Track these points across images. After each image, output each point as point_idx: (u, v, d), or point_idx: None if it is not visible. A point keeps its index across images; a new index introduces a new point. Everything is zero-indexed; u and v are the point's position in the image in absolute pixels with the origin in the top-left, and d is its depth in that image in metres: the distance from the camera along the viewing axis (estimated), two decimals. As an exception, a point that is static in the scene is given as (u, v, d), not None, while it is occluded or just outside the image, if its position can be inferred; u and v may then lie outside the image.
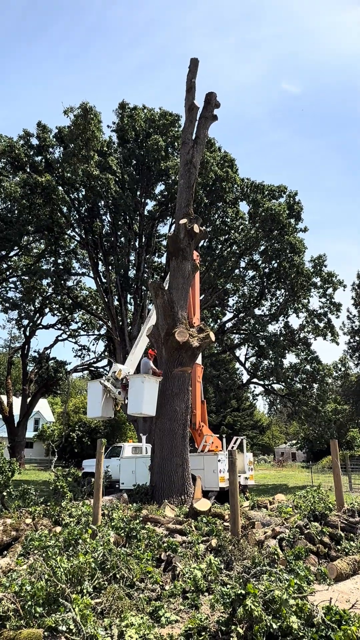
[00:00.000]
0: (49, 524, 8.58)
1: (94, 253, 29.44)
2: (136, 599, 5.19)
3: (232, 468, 7.57)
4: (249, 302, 30.72)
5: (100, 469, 8.26)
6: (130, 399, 12.54)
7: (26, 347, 39.39)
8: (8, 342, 52.99)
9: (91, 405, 13.68)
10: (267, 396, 33.26)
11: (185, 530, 8.28)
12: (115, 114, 28.18)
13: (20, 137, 27.65)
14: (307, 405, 26.72)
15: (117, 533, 7.25)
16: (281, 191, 28.63)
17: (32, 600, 4.43)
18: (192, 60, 14.68)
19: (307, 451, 53.03)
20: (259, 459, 54.18)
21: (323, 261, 28.15)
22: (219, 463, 14.33)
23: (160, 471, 12.12)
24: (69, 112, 23.13)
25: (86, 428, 41.75)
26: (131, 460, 17.38)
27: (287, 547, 7.13)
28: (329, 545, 7.29)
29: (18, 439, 36.97)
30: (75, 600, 4.40)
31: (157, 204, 29.64)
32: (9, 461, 10.16)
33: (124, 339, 27.44)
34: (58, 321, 39.10)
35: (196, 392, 15.96)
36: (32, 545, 6.52)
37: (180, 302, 13.01)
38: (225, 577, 6.10)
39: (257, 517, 9.02)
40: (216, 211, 29.13)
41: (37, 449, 54.97)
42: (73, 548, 6.02)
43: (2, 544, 7.76)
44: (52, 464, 12.18)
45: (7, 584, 5.03)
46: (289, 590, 4.57)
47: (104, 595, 5.07)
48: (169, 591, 5.66)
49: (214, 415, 48.93)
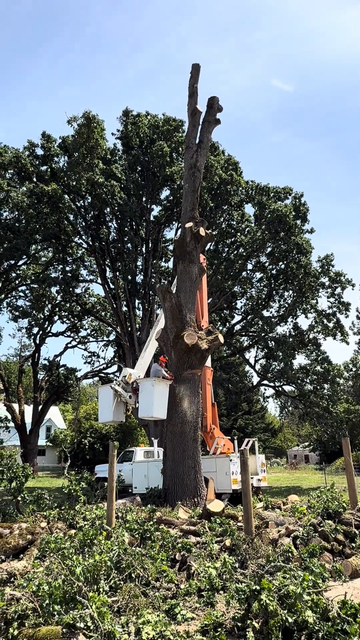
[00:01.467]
0: (64, 527, 8.65)
1: (102, 260, 29.67)
2: (152, 597, 5.24)
3: (244, 468, 7.60)
4: (257, 304, 30.71)
5: (113, 472, 8.32)
6: (141, 403, 12.59)
7: (36, 355, 39.66)
8: (18, 351, 53.48)
9: (102, 410, 13.76)
10: (278, 398, 33.11)
11: (199, 531, 8.30)
12: (119, 121, 28.49)
13: (26, 147, 28.05)
14: (319, 406, 26.59)
15: (131, 534, 7.30)
16: (286, 193, 28.66)
17: (49, 598, 4.50)
18: (193, 65, 14.83)
19: (320, 453, 52.64)
20: (271, 461, 53.85)
21: (330, 261, 28.08)
22: (231, 465, 14.33)
23: (173, 474, 12.14)
24: (73, 121, 23.44)
25: (98, 434, 41.82)
26: (143, 464, 17.44)
27: (301, 545, 7.13)
28: (343, 543, 7.27)
29: (30, 446, 37.18)
30: (92, 598, 4.47)
31: (163, 209, 29.83)
32: (23, 466, 10.27)
33: (133, 344, 27.56)
34: (67, 328, 39.37)
35: (206, 395, 15.98)
36: (48, 547, 6.60)
37: (189, 305, 13.07)
38: (240, 575, 6.13)
39: (271, 517, 9.02)
40: (222, 214, 29.25)
41: (49, 457, 55.19)
42: (88, 549, 6.09)
43: (19, 547, 7.85)
44: (66, 470, 12.26)
45: (25, 584, 5.11)
46: (304, 585, 4.59)
47: (120, 593, 5.13)
48: (184, 590, 5.70)
49: (225, 419, 48.83)
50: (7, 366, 59.01)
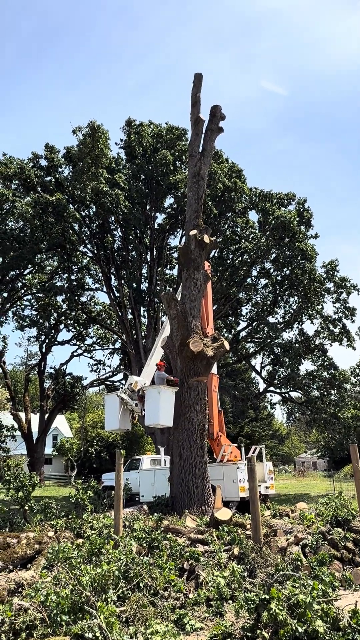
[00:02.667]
0: (71, 536, 8.62)
1: (107, 268, 29.79)
2: (160, 607, 5.20)
3: (251, 475, 7.56)
4: (263, 310, 30.66)
5: (120, 480, 8.30)
6: (147, 411, 12.57)
7: (42, 364, 39.76)
8: (25, 360, 53.62)
9: (109, 418, 13.74)
10: (284, 405, 32.93)
11: (207, 540, 8.25)
12: (122, 131, 28.73)
13: (30, 159, 28.35)
14: (326, 412, 26.41)
15: (139, 543, 7.26)
16: (290, 199, 28.70)
17: (57, 608, 4.48)
18: (196, 75, 14.96)
19: (328, 460, 52.18)
20: (279, 469, 53.43)
21: (335, 266, 28.02)
22: (238, 472, 14.24)
23: (180, 482, 12.08)
24: (78, 131, 23.67)
25: (104, 443, 41.76)
26: (150, 472, 17.36)
27: (310, 553, 7.06)
28: (353, 551, 7.19)
29: (37, 455, 37.13)
30: (100, 608, 4.44)
31: (167, 217, 29.95)
32: (29, 475, 10.26)
33: (139, 351, 27.57)
34: (73, 337, 39.47)
35: (213, 402, 15.93)
36: (55, 557, 6.58)
37: (194, 313, 13.08)
38: (249, 584, 6.08)
39: (279, 525, 8.94)
40: (226, 221, 29.32)
41: (56, 465, 55.08)
42: (96, 558, 6.06)
43: (26, 557, 7.82)
44: (72, 479, 12.25)
45: (33, 594, 5.09)
46: (313, 594, 4.54)
47: (128, 603, 5.10)
48: (192, 599, 5.65)
49: (231, 426, 48.57)
50: (14, 375, 59.23)
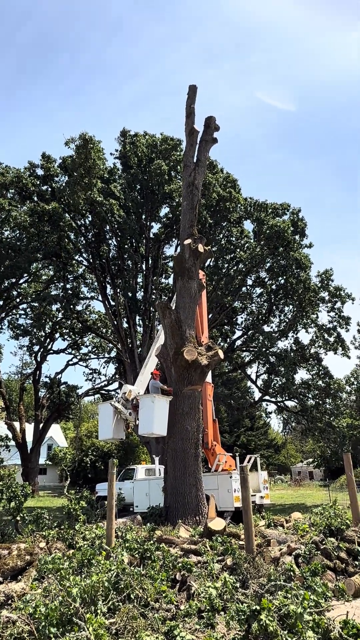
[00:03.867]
0: (63, 547, 8.53)
1: (102, 277, 29.84)
2: (151, 619, 5.14)
3: (243, 485, 7.53)
4: (258, 319, 30.74)
5: (113, 490, 8.24)
6: (141, 420, 12.52)
7: (38, 373, 39.59)
8: (20, 369, 53.37)
9: (102, 427, 13.67)
10: (280, 414, 32.90)
11: (200, 550, 8.18)
12: (118, 141, 28.96)
13: (26, 168, 28.49)
14: (321, 421, 26.39)
15: (131, 554, 7.19)
16: (284, 209, 28.93)
17: (46, 620, 4.43)
18: (190, 87, 15.13)
19: (324, 469, 52.02)
20: (275, 478, 53.14)
21: (330, 275, 28.18)
22: (232, 482, 14.17)
23: (174, 492, 12.01)
24: (70, 142, 23.85)
25: (99, 452, 41.45)
26: (145, 482, 17.26)
27: (303, 563, 7.01)
28: (346, 561, 7.15)
29: (31, 465, 36.83)
30: (89, 620, 4.39)
31: (163, 227, 30.10)
32: (22, 485, 10.17)
33: (134, 360, 27.53)
34: (68, 345, 39.36)
35: (207, 411, 15.90)
36: (45, 568, 6.50)
37: (188, 321, 13.09)
38: (241, 595, 6.02)
39: (273, 535, 8.88)
40: (221, 231, 29.49)
41: (50, 475, 54.59)
42: (87, 569, 6.00)
43: (17, 568, 7.72)
44: (65, 488, 12.14)
45: (22, 606, 5.03)
46: (304, 604, 4.51)
47: (118, 615, 5.04)
48: (184, 611, 5.59)
49: (227, 435, 48.39)
50: (9, 384, 58.85)
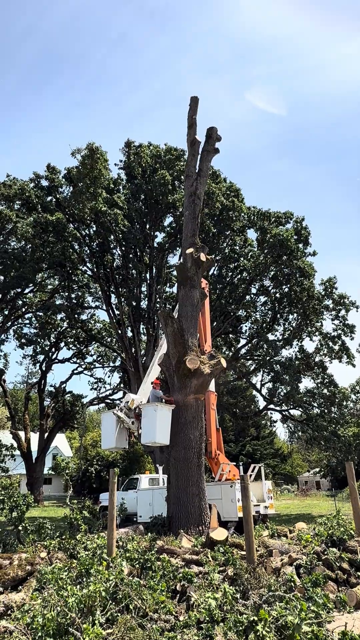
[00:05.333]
0: (64, 557, 8.50)
1: (106, 286, 29.97)
2: (149, 630, 5.11)
3: (244, 494, 7.49)
4: (262, 327, 30.68)
5: (114, 499, 8.23)
6: (144, 428, 12.51)
7: (43, 382, 39.67)
8: (25, 378, 53.50)
9: (105, 437, 13.68)
10: (284, 422, 32.69)
11: (201, 561, 8.12)
12: (122, 152, 29.23)
13: (31, 179, 28.80)
14: (326, 430, 26.18)
15: (131, 564, 7.16)
16: (288, 217, 28.98)
17: (42, 631, 4.42)
18: (192, 98, 15.32)
19: (331, 479, 51.45)
20: (282, 488, 52.63)
21: (334, 283, 28.13)
22: (236, 492, 14.06)
23: (177, 501, 11.95)
24: (77, 153, 24.08)
25: (104, 462, 41.38)
26: (148, 492, 17.17)
27: (304, 574, 6.94)
28: (348, 572, 7.07)
29: (36, 475, 36.76)
30: (85, 630, 4.37)
31: (167, 236, 30.25)
32: (24, 495, 10.17)
33: (138, 369, 27.53)
34: (73, 355, 39.46)
35: (211, 420, 15.84)
36: (45, 578, 6.49)
37: (191, 330, 13.12)
38: (242, 606, 5.97)
39: (276, 546, 8.80)
40: (224, 240, 29.57)
41: (55, 485, 54.41)
42: (85, 579, 5.98)
43: (18, 578, 7.70)
44: (68, 498, 12.11)
45: (19, 616, 5.02)
46: (302, 615, 4.47)
47: (116, 626, 5.01)
48: (183, 622, 5.55)
49: (232, 445, 48.09)
50: (14, 393, 59.02)
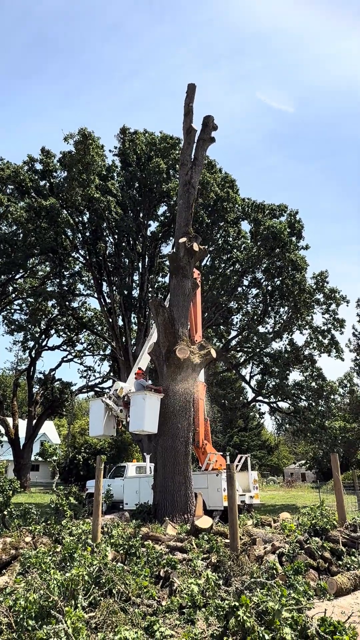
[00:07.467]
0: (49, 542, 8.53)
1: (98, 274, 29.79)
2: (131, 614, 5.15)
3: (230, 483, 7.54)
4: (253, 319, 30.76)
5: (100, 486, 8.25)
6: (132, 416, 12.53)
7: (32, 369, 39.50)
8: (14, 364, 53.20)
9: (93, 424, 13.68)
10: (272, 414, 32.96)
11: (185, 548, 8.21)
12: (117, 138, 28.91)
13: (25, 162, 28.37)
14: (313, 422, 26.44)
15: (115, 550, 7.20)
16: (282, 210, 28.95)
17: (24, 613, 4.43)
18: (189, 85, 15.12)
19: (316, 471, 52.10)
20: (267, 479, 53.22)
21: (325, 277, 28.24)
22: (222, 481, 14.17)
23: (163, 490, 12.03)
24: (69, 138, 23.77)
25: (92, 450, 41.43)
26: (135, 480, 17.26)
27: (287, 562, 7.04)
28: (329, 561, 7.18)
29: (24, 461, 36.75)
30: (67, 613, 4.39)
31: (160, 225, 30.08)
32: (10, 480, 10.16)
33: (128, 358, 27.51)
34: (63, 342, 39.30)
35: (199, 410, 15.90)
36: (29, 562, 6.50)
37: (181, 320, 13.10)
38: (224, 592, 6.04)
39: (260, 534, 8.91)
40: (218, 231, 29.48)
41: (42, 472, 54.53)
42: (69, 563, 6.00)
43: (2, 562, 7.72)
44: (54, 484, 12.14)
45: (2, 599, 5.03)
46: (282, 601, 4.53)
47: (98, 609, 5.05)
48: (165, 607, 5.61)
49: (220, 435, 48.42)
50: (3, 379, 58.77)
